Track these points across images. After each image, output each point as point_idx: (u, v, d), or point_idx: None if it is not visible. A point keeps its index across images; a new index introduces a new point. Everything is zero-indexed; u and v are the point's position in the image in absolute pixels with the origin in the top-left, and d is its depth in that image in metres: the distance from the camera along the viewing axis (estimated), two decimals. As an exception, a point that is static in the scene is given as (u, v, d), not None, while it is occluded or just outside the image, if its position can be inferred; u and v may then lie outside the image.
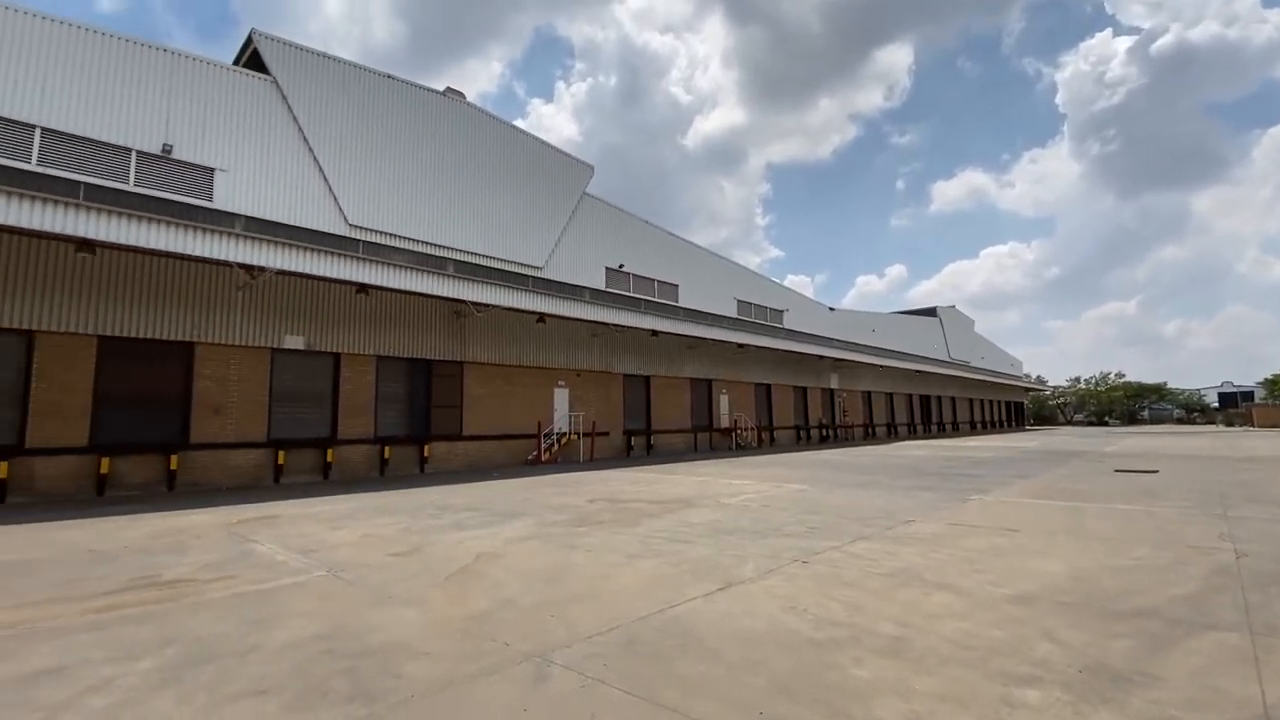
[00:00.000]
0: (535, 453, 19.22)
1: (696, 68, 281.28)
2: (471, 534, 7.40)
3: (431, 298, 16.00)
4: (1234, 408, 77.50)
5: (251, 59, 15.36)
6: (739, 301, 28.99)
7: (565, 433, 20.38)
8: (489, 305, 16.64)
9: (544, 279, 18.48)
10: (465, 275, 15.74)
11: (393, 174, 16.94)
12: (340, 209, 15.72)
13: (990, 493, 10.78)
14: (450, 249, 17.55)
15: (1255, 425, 57.06)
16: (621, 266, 23.26)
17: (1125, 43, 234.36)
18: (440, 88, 18.79)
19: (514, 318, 18.96)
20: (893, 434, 42.19)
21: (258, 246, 12.17)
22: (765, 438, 29.87)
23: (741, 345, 26.16)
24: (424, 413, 17.14)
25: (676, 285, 25.53)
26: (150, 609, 4.54)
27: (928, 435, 43.75)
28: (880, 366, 37.14)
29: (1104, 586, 4.86)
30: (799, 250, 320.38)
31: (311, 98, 15.62)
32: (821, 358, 31.79)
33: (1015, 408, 70.61)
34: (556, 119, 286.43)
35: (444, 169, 18.18)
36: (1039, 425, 77.16)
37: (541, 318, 18.46)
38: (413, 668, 3.41)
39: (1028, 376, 74.72)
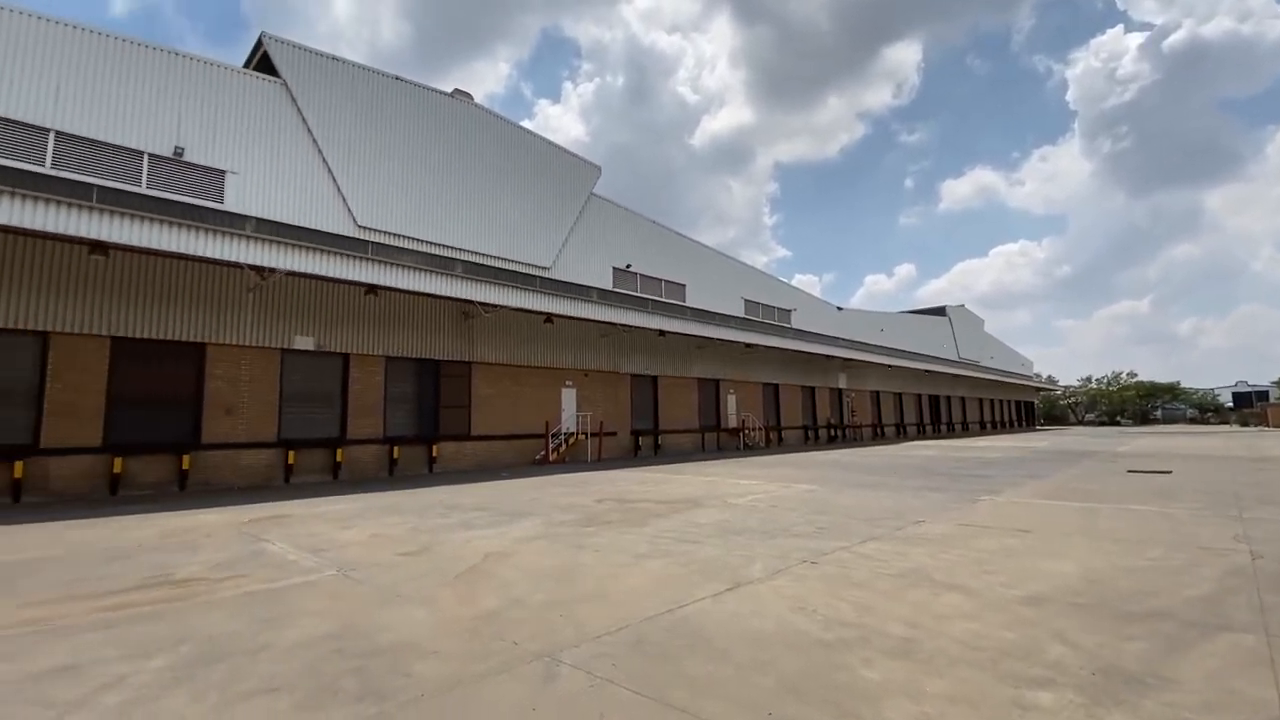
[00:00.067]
0: (543, 453, 19.26)
1: (704, 67, 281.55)
2: (480, 533, 7.42)
3: (440, 298, 16.07)
4: (1248, 407, 76.42)
5: (262, 62, 15.49)
6: (746, 301, 28.92)
7: (573, 433, 20.42)
8: (497, 306, 16.70)
9: (551, 279, 18.52)
10: (473, 276, 15.80)
11: (401, 175, 17.03)
12: (349, 210, 15.81)
13: (1001, 493, 10.69)
14: (458, 249, 17.62)
15: (1270, 425, 56.32)
16: (629, 266, 23.26)
17: (1137, 39, 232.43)
18: (448, 89, 18.88)
19: (522, 318, 19.01)
20: (901, 434, 41.96)
21: (268, 248, 12.26)
22: (773, 438, 29.80)
23: (749, 345, 26.10)
24: (432, 413, 17.22)
25: (684, 285, 25.51)
26: (162, 607, 4.58)
27: (937, 435, 43.48)
28: (889, 366, 36.95)
29: (1117, 588, 4.80)
30: (807, 250, 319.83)
31: (321, 100, 15.73)
32: (830, 357, 31.67)
33: (1026, 408, 70.06)
34: (564, 119, 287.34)
35: (452, 170, 18.25)
36: (1050, 425, 76.53)
37: (549, 318, 18.52)
38: (422, 667, 3.43)
39: (1038, 376, 74.16)
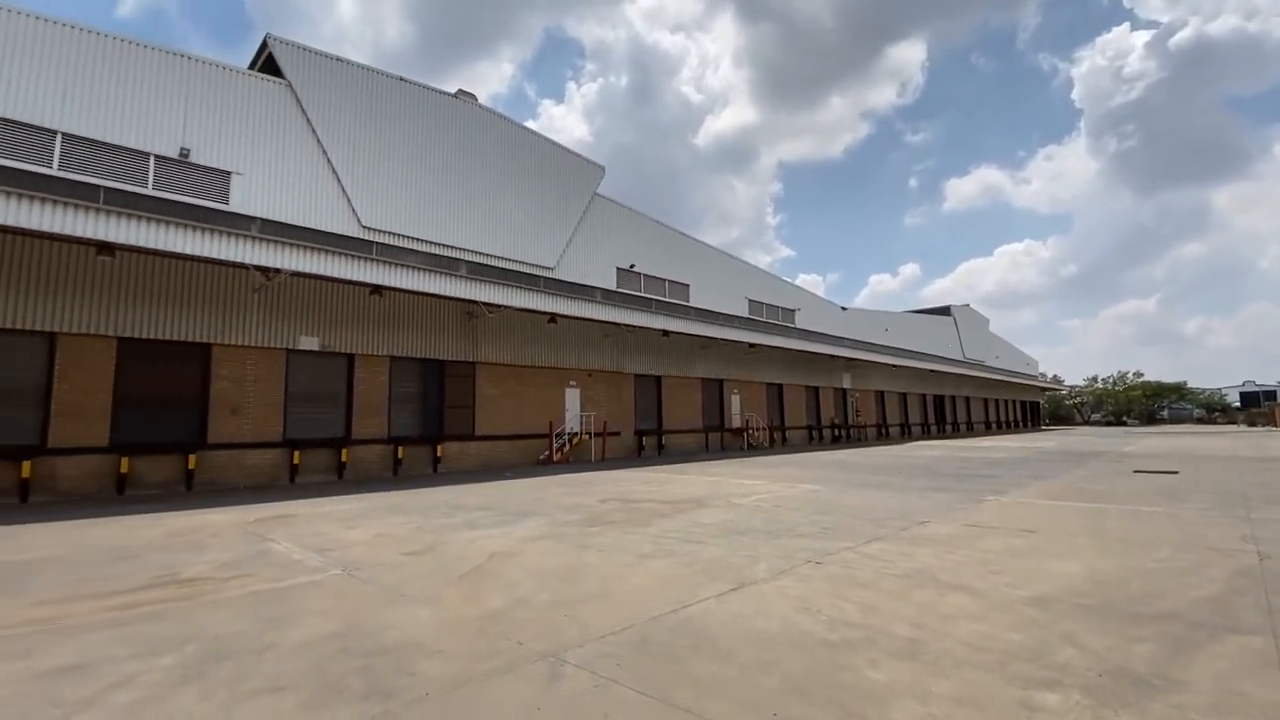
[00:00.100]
0: (547, 453, 19.28)
1: (707, 67, 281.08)
2: (484, 533, 7.43)
3: (444, 298, 16.10)
4: (1256, 407, 75.87)
5: (266, 63, 15.55)
6: (750, 301, 28.90)
7: (577, 433, 20.43)
8: (501, 306, 16.72)
9: (555, 279, 18.53)
10: (477, 276, 15.83)
11: (405, 176, 17.07)
12: (354, 211, 15.87)
13: (1007, 494, 10.65)
14: (462, 250, 17.66)
15: (1278, 425, 55.94)
16: (633, 266, 23.27)
17: (1143, 37, 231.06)
18: (452, 89, 18.94)
19: (526, 318, 19.03)
20: (906, 434, 41.85)
21: (273, 249, 12.31)
22: (777, 438, 29.75)
23: (753, 345, 26.06)
24: (437, 413, 17.26)
25: (688, 285, 25.51)
26: (170, 606, 4.60)
27: (942, 435, 43.35)
28: (893, 366, 36.85)
29: (1124, 589, 4.78)
30: (811, 249, 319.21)
31: (325, 101, 15.79)
32: (834, 357, 31.60)
33: (1031, 408, 69.81)
34: (567, 119, 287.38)
35: (456, 170, 18.29)
36: (1055, 426, 76.20)
37: (553, 318, 18.53)
38: (427, 666, 3.43)
39: (1044, 376, 73.85)
